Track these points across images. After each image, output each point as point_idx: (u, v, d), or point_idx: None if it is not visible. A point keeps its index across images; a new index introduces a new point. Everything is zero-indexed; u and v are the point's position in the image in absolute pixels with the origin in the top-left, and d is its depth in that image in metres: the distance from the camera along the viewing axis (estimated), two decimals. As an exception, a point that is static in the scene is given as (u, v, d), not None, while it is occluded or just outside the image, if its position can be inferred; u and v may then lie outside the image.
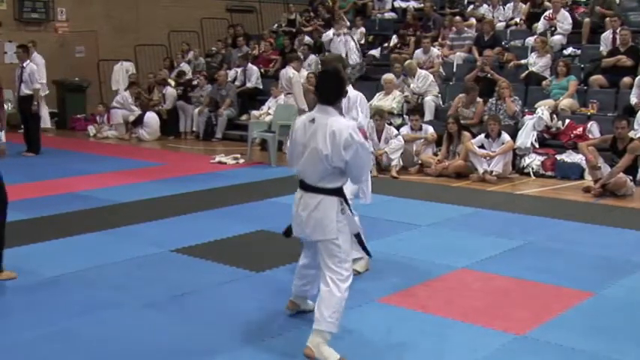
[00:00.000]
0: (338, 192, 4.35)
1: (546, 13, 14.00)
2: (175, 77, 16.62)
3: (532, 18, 14.69)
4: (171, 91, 15.96)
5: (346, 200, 4.41)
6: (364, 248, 4.79)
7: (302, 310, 4.97)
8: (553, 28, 13.73)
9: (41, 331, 4.69)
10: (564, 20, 13.74)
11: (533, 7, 15.00)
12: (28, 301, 5.32)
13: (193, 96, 15.81)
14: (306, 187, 4.38)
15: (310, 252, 4.67)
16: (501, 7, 15.71)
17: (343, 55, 14.37)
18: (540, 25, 13.97)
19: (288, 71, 14.29)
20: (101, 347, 4.46)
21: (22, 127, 13.15)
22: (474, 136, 10.99)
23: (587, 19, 13.73)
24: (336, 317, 4.27)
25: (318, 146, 4.24)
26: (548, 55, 12.86)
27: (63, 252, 6.59)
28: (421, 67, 13.58)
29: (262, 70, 16.33)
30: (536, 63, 12.87)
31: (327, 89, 4.41)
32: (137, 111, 15.58)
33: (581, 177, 10.46)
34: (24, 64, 12.82)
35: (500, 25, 15.05)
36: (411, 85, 13.12)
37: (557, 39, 13.60)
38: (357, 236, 4.54)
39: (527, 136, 11.14)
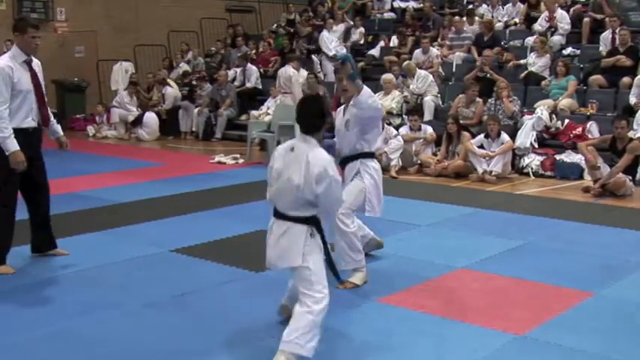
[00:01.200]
0: (308, 220, 4.29)
1: (545, 14, 14.00)
2: (180, 77, 16.63)
3: (530, 19, 14.72)
4: (170, 91, 15.97)
5: (318, 226, 4.34)
6: (335, 273, 4.69)
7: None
8: (553, 29, 13.74)
9: (41, 331, 4.70)
10: (563, 20, 13.74)
11: (530, 7, 15.01)
12: (28, 301, 5.32)
13: (196, 95, 15.84)
14: (277, 214, 4.35)
15: None
16: (500, 7, 15.73)
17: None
18: (538, 26, 13.97)
19: (288, 70, 14.28)
20: (101, 347, 4.46)
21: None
22: (473, 136, 11.00)
23: (586, 19, 13.74)
24: (305, 339, 4.11)
25: (291, 175, 4.20)
26: (547, 55, 12.87)
27: (63, 252, 6.59)
28: (420, 67, 13.58)
29: (261, 70, 16.34)
30: (536, 63, 12.88)
31: (308, 119, 4.33)
32: (134, 111, 15.60)
33: (581, 177, 10.46)
34: None
35: (499, 25, 15.06)
36: (411, 86, 13.12)
37: (557, 39, 13.60)
38: (328, 259, 4.46)
39: (526, 136, 11.14)
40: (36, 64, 6.04)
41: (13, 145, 5.68)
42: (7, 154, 5.69)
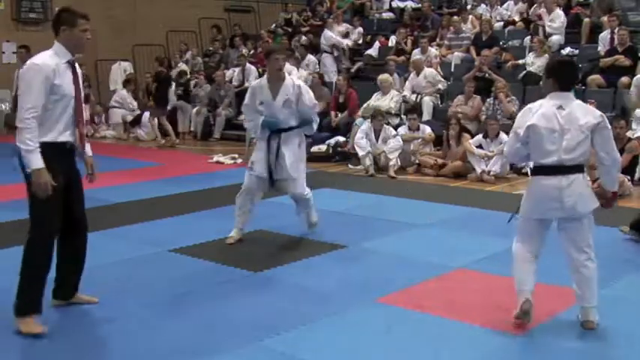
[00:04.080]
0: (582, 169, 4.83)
1: (537, 11, 14.02)
2: (176, 77, 16.61)
3: (527, 21, 14.78)
4: (173, 89, 15.96)
5: None
6: None
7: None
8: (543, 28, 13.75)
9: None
10: (557, 19, 13.74)
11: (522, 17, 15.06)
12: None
13: (194, 94, 15.83)
14: (556, 170, 4.70)
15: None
16: (499, 6, 15.75)
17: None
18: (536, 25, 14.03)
19: (287, 68, 14.26)
20: (100, 347, 4.46)
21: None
22: (472, 136, 11.01)
23: (587, 19, 13.74)
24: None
25: (579, 127, 4.63)
26: (546, 55, 12.86)
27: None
28: (419, 67, 13.62)
29: (260, 70, 16.32)
30: (534, 63, 12.88)
31: (570, 78, 4.85)
32: (137, 110, 15.60)
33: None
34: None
35: (498, 25, 15.07)
36: (418, 80, 13.17)
37: (556, 39, 13.59)
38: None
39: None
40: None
41: (37, 162, 4.50)
42: (28, 172, 4.56)
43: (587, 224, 4.75)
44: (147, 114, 15.38)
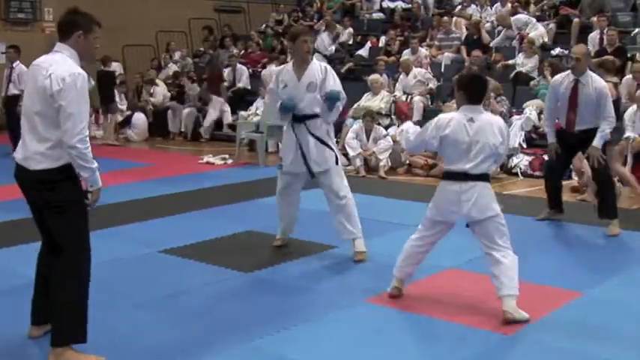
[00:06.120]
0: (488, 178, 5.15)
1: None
2: (171, 77, 16.58)
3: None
4: (158, 90, 15.93)
5: None
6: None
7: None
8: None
9: (31, 333, 4.67)
10: (519, 22, 13.85)
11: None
12: (20, 302, 5.27)
13: (185, 94, 15.82)
14: (465, 177, 5.01)
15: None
16: (489, 7, 15.79)
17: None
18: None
19: (272, 69, 14.25)
20: (93, 348, 4.44)
21: (7, 127, 13.08)
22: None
23: (576, 20, 13.79)
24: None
25: (488, 139, 4.94)
26: (536, 56, 12.92)
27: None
28: (409, 68, 13.63)
29: (250, 71, 16.32)
30: (525, 64, 12.92)
31: (479, 92, 5.06)
32: (124, 110, 15.56)
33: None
34: (14, 65, 12.77)
35: (488, 26, 15.10)
36: (408, 79, 13.19)
37: (534, 35, 13.61)
38: None
39: (514, 136, 11.16)
40: None
41: (99, 179, 4.53)
42: (91, 190, 4.55)
43: (493, 226, 4.99)
44: (137, 115, 15.35)
